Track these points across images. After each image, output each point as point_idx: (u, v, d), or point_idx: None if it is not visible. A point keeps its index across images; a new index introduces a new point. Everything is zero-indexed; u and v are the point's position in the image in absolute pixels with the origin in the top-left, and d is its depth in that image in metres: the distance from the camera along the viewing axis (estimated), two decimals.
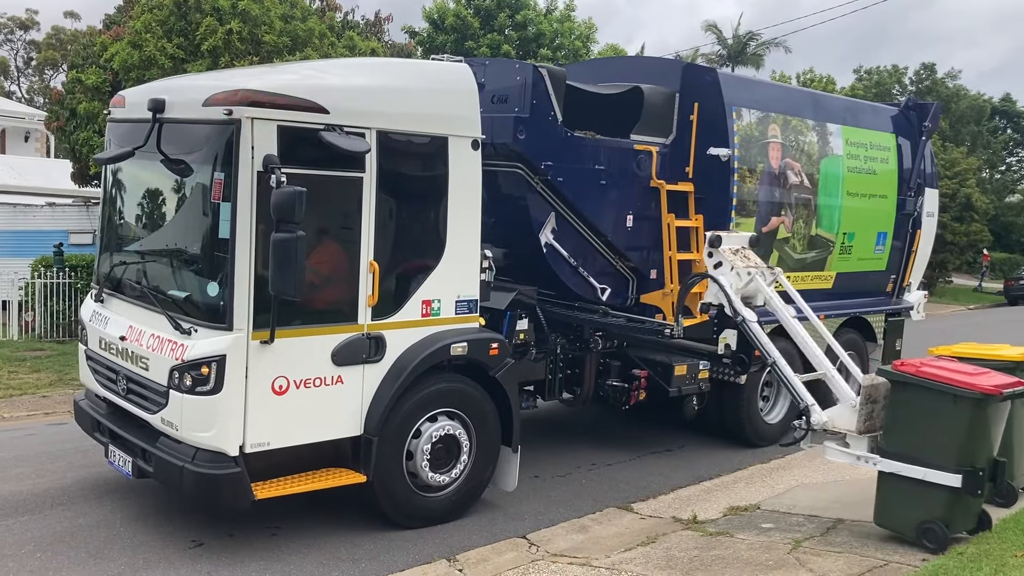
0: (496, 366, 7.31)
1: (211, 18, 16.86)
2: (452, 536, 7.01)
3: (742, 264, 8.07)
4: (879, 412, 6.90)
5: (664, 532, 7.21)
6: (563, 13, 34.20)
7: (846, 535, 6.99)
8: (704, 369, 9.36)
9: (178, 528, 6.87)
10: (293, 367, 6.26)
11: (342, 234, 6.54)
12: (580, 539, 7.13)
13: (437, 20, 31.81)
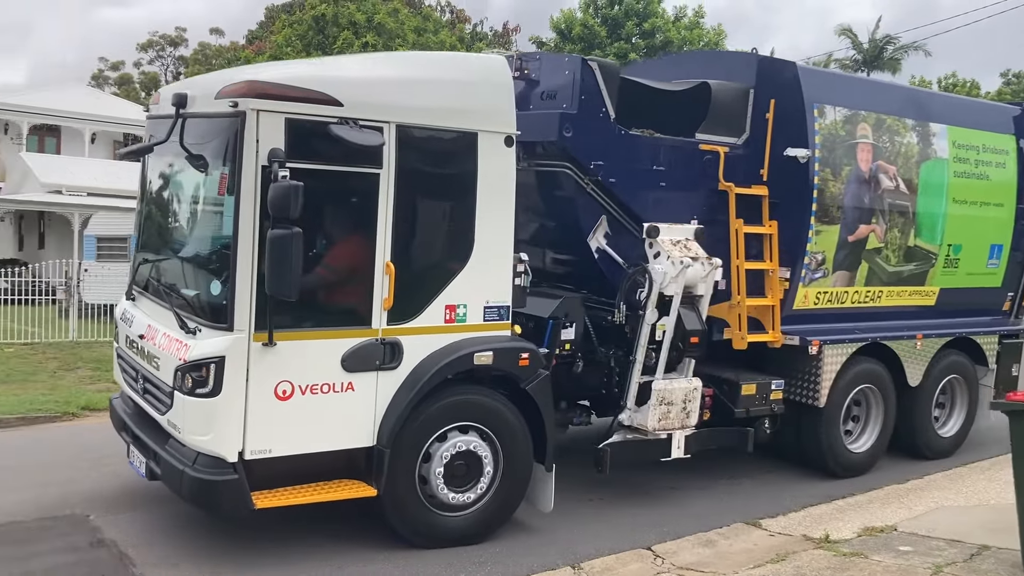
0: (527, 378, 6.82)
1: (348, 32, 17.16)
2: (576, 543, 6.97)
3: (679, 254, 7.58)
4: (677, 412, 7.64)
5: (794, 550, 6.97)
6: (692, 20, 33.41)
7: (992, 562, 6.62)
8: (777, 389, 8.59)
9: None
10: (298, 372, 5.98)
11: (356, 233, 6.23)
12: (707, 553, 6.95)
13: (564, 30, 31.65)
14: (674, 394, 7.65)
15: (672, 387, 7.65)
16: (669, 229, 7.80)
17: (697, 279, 7.70)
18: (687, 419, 7.81)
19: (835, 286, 8.86)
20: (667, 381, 7.66)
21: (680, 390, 7.70)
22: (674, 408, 7.71)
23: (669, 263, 7.54)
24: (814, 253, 8.60)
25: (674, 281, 7.54)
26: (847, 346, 8.88)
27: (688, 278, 7.62)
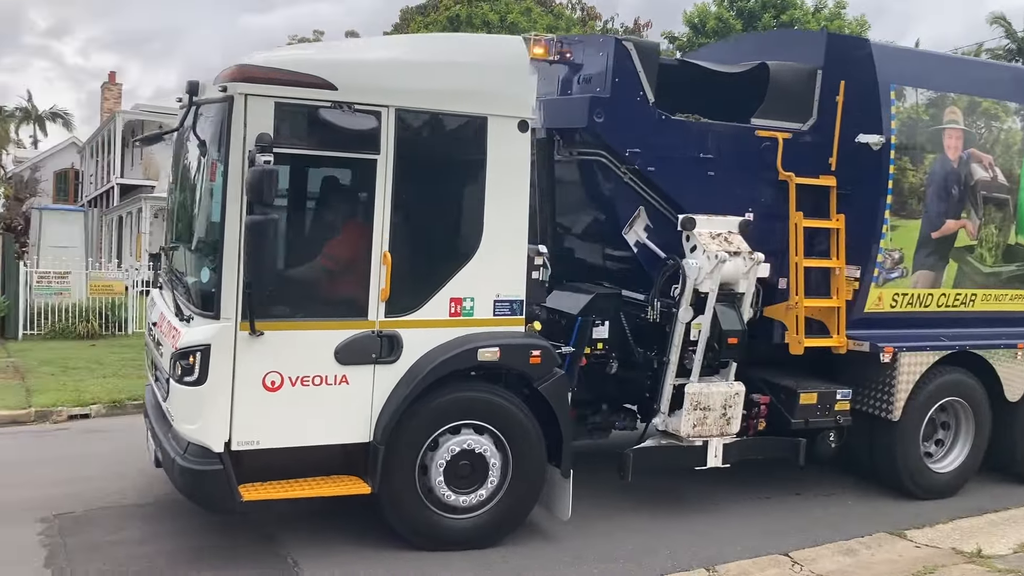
0: (540, 377, 6.43)
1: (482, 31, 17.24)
2: (710, 546, 6.83)
3: (716, 248, 7.01)
4: (716, 419, 7.13)
5: (943, 564, 6.60)
6: (832, 11, 31.87)
7: None
8: (843, 400, 7.83)
9: None
10: (288, 363, 5.82)
11: (352, 221, 6.03)
12: (847, 562, 6.64)
13: (697, 24, 30.82)
14: (712, 399, 7.10)
15: (710, 391, 7.10)
16: (709, 221, 7.22)
17: (737, 275, 7.09)
18: (727, 426, 7.22)
19: (916, 287, 7.99)
20: (704, 385, 7.12)
21: (719, 395, 7.14)
22: (712, 414, 7.14)
23: (704, 257, 6.98)
24: (889, 251, 7.79)
25: (709, 277, 6.97)
26: (928, 354, 8.00)
27: (725, 274, 7.03)
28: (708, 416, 7.15)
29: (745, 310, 7.23)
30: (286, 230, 5.90)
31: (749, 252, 7.12)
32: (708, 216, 7.26)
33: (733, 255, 7.05)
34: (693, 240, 7.13)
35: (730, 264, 7.04)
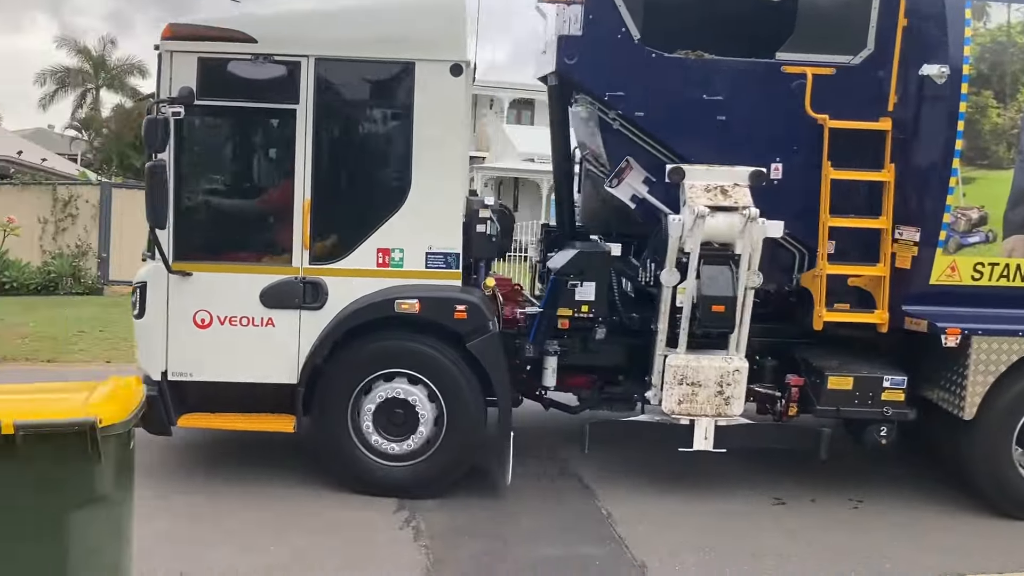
0: (467, 333, 6.19)
1: None
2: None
3: (701, 202, 6.13)
4: (709, 397, 6.34)
5: None
6: None
7: None
8: (895, 388, 6.52)
9: (763, 486, 6.98)
10: (216, 303, 6.23)
11: (275, 170, 6.27)
12: None
13: None
14: (702, 373, 6.32)
15: (699, 365, 6.32)
16: (709, 172, 6.35)
17: (732, 234, 6.18)
18: (725, 406, 6.35)
19: (1013, 255, 6.36)
20: (693, 358, 6.34)
21: (712, 369, 6.32)
22: (703, 391, 6.34)
23: (687, 212, 6.17)
24: (963, 209, 6.29)
25: (691, 235, 6.15)
26: (1020, 340, 6.34)
27: (714, 232, 6.17)
28: (698, 393, 6.36)
29: (744, 274, 6.28)
30: (213, 178, 6.29)
31: (746, 208, 6.17)
32: (708, 167, 6.40)
33: (722, 210, 6.16)
34: (684, 193, 6.35)
35: (719, 220, 6.17)
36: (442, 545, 5.69)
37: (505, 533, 5.93)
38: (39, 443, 3.42)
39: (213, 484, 6.51)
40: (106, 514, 3.68)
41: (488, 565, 5.48)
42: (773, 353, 6.96)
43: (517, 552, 5.67)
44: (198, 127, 6.22)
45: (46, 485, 3.50)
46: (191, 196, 6.29)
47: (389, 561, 5.41)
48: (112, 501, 3.69)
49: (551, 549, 5.74)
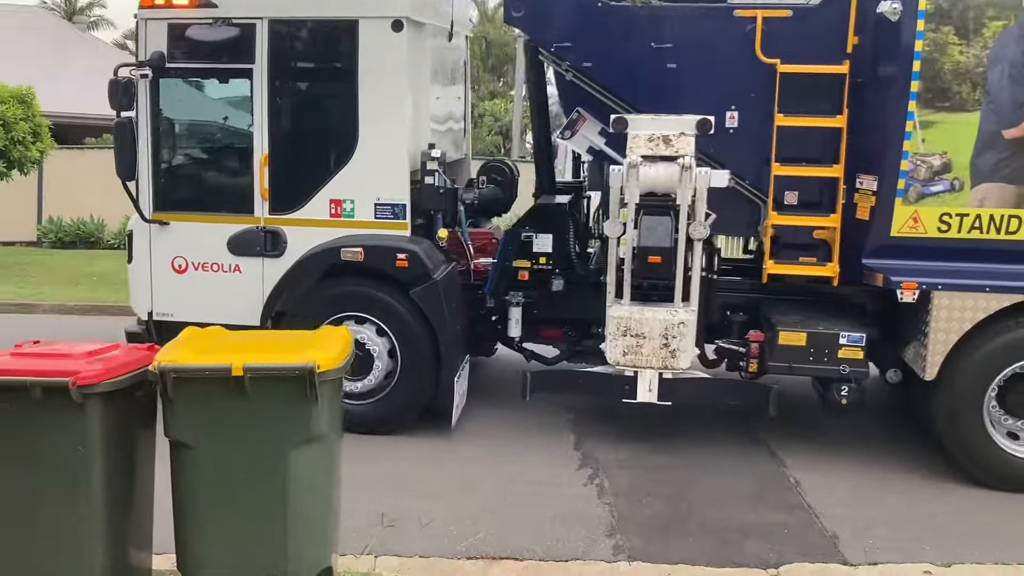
0: (409, 280, 6.44)
1: None
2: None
3: (643, 151, 6.01)
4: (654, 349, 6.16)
5: None
6: None
7: None
8: (854, 346, 6.23)
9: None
10: (190, 250, 6.80)
11: (237, 126, 6.71)
12: None
13: None
14: (645, 325, 6.17)
15: (642, 317, 6.17)
16: (655, 122, 6.24)
17: (672, 184, 6.07)
18: (672, 359, 6.23)
19: (983, 206, 5.91)
20: (636, 309, 6.26)
21: (657, 322, 6.15)
22: (648, 343, 6.27)
23: (626, 163, 6.14)
24: (923, 156, 5.90)
25: (627, 186, 6.11)
26: (988, 297, 5.90)
27: (653, 182, 6.08)
28: (643, 345, 6.31)
29: (684, 225, 6.17)
30: (183, 135, 6.84)
31: (684, 157, 6.05)
32: (653, 116, 6.30)
33: (659, 160, 6.08)
34: (627, 143, 6.30)
35: (659, 170, 6.08)
36: (626, 503, 5.73)
37: (689, 495, 5.88)
38: (264, 385, 3.67)
39: (403, 435, 6.76)
40: (320, 453, 3.88)
41: (673, 526, 5.46)
42: (745, 309, 6.79)
43: (703, 515, 5.60)
44: (171, 89, 6.75)
45: (269, 424, 3.74)
46: (167, 152, 6.86)
47: (574, 516, 5.50)
48: (326, 441, 3.89)
49: (737, 514, 5.62)
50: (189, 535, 3.86)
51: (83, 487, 3.72)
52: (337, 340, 4.07)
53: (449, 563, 4.94)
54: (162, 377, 3.65)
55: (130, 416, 3.86)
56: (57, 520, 3.76)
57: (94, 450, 3.70)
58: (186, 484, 3.82)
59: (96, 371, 3.65)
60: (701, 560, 5.04)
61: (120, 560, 3.92)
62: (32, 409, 3.65)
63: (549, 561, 5.00)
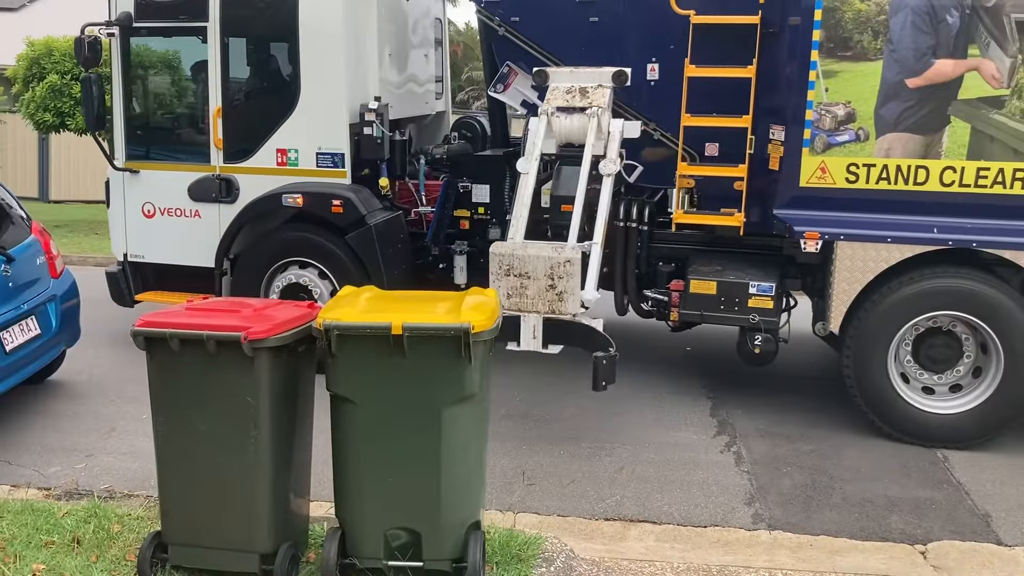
0: (345, 226, 6.85)
1: None
2: None
3: (559, 103, 6.22)
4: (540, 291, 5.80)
5: None
6: None
7: None
8: (762, 295, 6.32)
9: None
10: (157, 196, 7.38)
11: (195, 80, 7.22)
12: None
13: None
14: (529, 264, 5.80)
15: (526, 255, 5.79)
16: (573, 74, 6.45)
17: (583, 135, 6.22)
18: (559, 302, 6.04)
19: (889, 156, 5.90)
20: (519, 246, 5.91)
21: (540, 260, 5.75)
22: (533, 284, 5.94)
23: (540, 112, 6.36)
24: (827, 106, 5.92)
25: (535, 133, 6.31)
26: (889, 247, 5.90)
27: (565, 132, 6.29)
28: (528, 286, 5.86)
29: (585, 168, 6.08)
30: (150, 90, 7.40)
31: (600, 109, 6.22)
32: (573, 69, 6.49)
33: (571, 111, 6.27)
34: (547, 95, 6.51)
35: (572, 121, 6.28)
36: (765, 473, 5.64)
37: (830, 468, 5.74)
38: (421, 344, 3.75)
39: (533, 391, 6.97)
40: (472, 412, 3.95)
41: (814, 498, 5.34)
42: (679, 261, 6.89)
43: (846, 488, 5.46)
44: (139, 47, 7.30)
45: (425, 382, 3.82)
46: (135, 106, 7.44)
47: (712, 482, 5.49)
48: (477, 400, 3.94)
49: (882, 488, 5.47)
50: (347, 485, 4.00)
51: (253, 435, 3.88)
52: (487, 302, 4.08)
53: (587, 523, 4.99)
54: (327, 334, 3.77)
55: (294, 370, 4.02)
56: (228, 465, 3.93)
57: (262, 401, 3.86)
58: (345, 437, 3.96)
59: (265, 327, 3.82)
60: (844, 533, 4.93)
61: (282, 505, 4.08)
62: (206, 361, 3.84)
63: (687, 526, 4.97)
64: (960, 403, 6.05)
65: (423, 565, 3.99)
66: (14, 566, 4.22)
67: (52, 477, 5.44)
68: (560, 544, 4.58)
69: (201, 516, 4.05)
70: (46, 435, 6.05)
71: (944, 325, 6.01)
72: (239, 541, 4.01)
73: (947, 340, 6.06)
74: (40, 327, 6.27)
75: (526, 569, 4.28)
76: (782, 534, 4.91)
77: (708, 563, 4.51)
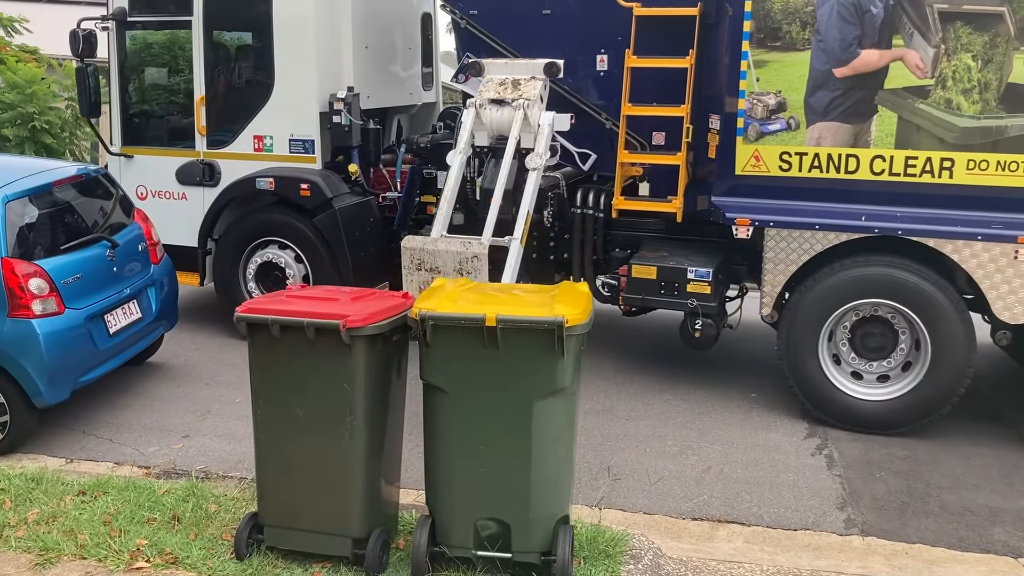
0: (313, 208, 7.23)
1: None
2: None
3: (491, 95, 6.15)
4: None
5: None
6: None
7: None
8: (700, 280, 6.46)
9: None
10: (149, 179, 7.90)
11: (182, 71, 7.69)
12: None
13: None
14: (439, 259, 5.75)
15: (436, 249, 5.74)
16: (507, 66, 6.49)
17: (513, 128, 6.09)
18: None
19: (819, 145, 6.00)
20: (429, 241, 5.83)
21: (450, 255, 5.69)
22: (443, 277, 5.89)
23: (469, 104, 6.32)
24: (758, 95, 6.05)
25: (464, 126, 6.29)
26: (818, 235, 6.01)
27: (495, 125, 6.20)
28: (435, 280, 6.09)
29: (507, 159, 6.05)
30: (143, 80, 7.91)
31: (527, 101, 6.11)
32: (508, 60, 6.65)
33: (502, 104, 6.17)
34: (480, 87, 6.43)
35: (501, 114, 6.17)
36: (858, 477, 5.50)
37: (927, 474, 5.57)
38: (514, 336, 3.78)
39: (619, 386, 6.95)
40: (563, 405, 3.96)
41: (910, 504, 5.19)
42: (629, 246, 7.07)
43: (943, 496, 5.29)
44: (132, 39, 7.82)
45: (518, 374, 3.83)
46: (129, 94, 7.96)
47: (803, 485, 5.38)
48: (569, 393, 3.96)
49: (983, 498, 5.27)
50: (438, 474, 4.05)
51: (348, 421, 3.97)
52: (580, 296, 4.09)
53: (673, 522, 4.96)
54: (422, 323, 3.84)
55: (388, 358, 4.10)
56: (324, 451, 4.03)
57: (357, 387, 3.95)
58: (438, 426, 4.01)
59: (362, 316, 3.90)
60: (941, 542, 4.78)
61: (374, 491, 4.17)
62: (305, 347, 3.94)
63: (777, 529, 4.89)
64: (889, 390, 6.11)
65: (512, 557, 4.03)
66: (119, 540, 4.46)
67: (151, 456, 5.68)
68: (647, 542, 4.57)
69: (296, 499, 4.15)
70: (145, 415, 6.28)
71: (883, 314, 6.07)
72: (333, 525, 4.11)
73: (883, 329, 6.12)
74: (141, 311, 6.44)
75: (614, 565, 4.27)
76: (876, 540, 4.79)
77: (799, 567, 4.47)
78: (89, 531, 4.55)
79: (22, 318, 5.50)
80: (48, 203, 5.99)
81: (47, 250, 5.77)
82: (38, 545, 4.45)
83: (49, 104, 11.29)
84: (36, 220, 5.83)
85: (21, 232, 5.66)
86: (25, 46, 13.02)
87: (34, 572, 4.27)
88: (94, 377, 6.02)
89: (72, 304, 5.77)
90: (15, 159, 8.33)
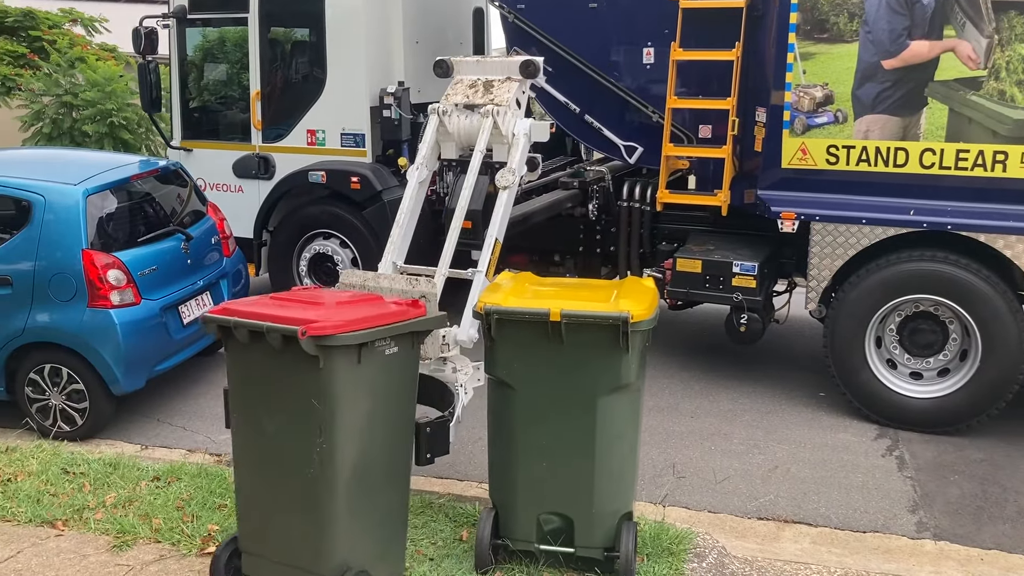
0: (362, 200, 7.38)
1: None
2: None
3: (459, 99, 5.43)
4: None
5: None
6: None
7: None
8: (745, 275, 6.43)
9: None
10: (208, 172, 8.12)
11: (240, 67, 7.89)
12: None
13: None
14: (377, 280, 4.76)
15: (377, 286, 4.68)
16: (479, 64, 5.71)
17: (480, 138, 5.28)
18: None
19: (867, 138, 5.91)
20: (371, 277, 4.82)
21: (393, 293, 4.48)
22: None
23: (431, 111, 5.57)
24: (804, 88, 5.99)
25: (433, 140, 5.52)
26: (864, 229, 5.93)
27: (463, 135, 5.42)
28: None
29: (471, 175, 5.28)
30: (202, 76, 8.14)
31: (497, 107, 5.29)
32: (480, 58, 6.09)
33: (473, 109, 5.36)
34: (448, 89, 5.66)
35: (470, 121, 5.36)
36: (930, 480, 5.36)
37: (1003, 478, 5.39)
38: (579, 331, 3.75)
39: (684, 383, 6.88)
40: (628, 401, 3.92)
41: (985, 509, 5.04)
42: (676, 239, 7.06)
43: (1021, 501, 5.13)
44: (191, 37, 8.05)
45: (582, 369, 3.81)
46: (189, 90, 8.19)
47: (872, 487, 5.26)
48: (633, 389, 3.93)
49: None
50: (502, 467, 4.07)
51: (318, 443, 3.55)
52: (646, 292, 4.04)
53: (739, 521, 4.90)
54: (487, 317, 3.83)
55: (380, 374, 3.73)
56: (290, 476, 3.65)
57: (330, 407, 3.55)
58: (502, 419, 4.01)
59: (334, 322, 3.50)
60: (1019, 549, 4.64)
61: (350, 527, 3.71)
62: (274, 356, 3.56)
63: (845, 530, 4.80)
64: (939, 387, 5.99)
65: (575, 552, 4.04)
66: (192, 525, 4.60)
67: (222, 444, 5.75)
68: (712, 540, 4.54)
69: (267, 527, 3.80)
70: (217, 404, 6.07)
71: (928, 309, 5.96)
72: (304, 560, 3.69)
73: (932, 326, 6.02)
74: (213, 302, 6.50)
75: (677, 563, 4.25)
76: (949, 545, 4.67)
77: (868, 569, 4.38)
78: (163, 515, 4.70)
79: (101, 308, 5.72)
80: (126, 197, 6.23)
81: (125, 242, 6.00)
82: (115, 528, 4.63)
83: (127, 101, 11.67)
84: (114, 213, 6.07)
85: (100, 225, 5.88)
86: (104, 44, 13.49)
87: (112, 554, 4.44)
88: (168, 366, 6.25)
89: (148, 295, 5.98)
90: (95, 154, 8.65)
